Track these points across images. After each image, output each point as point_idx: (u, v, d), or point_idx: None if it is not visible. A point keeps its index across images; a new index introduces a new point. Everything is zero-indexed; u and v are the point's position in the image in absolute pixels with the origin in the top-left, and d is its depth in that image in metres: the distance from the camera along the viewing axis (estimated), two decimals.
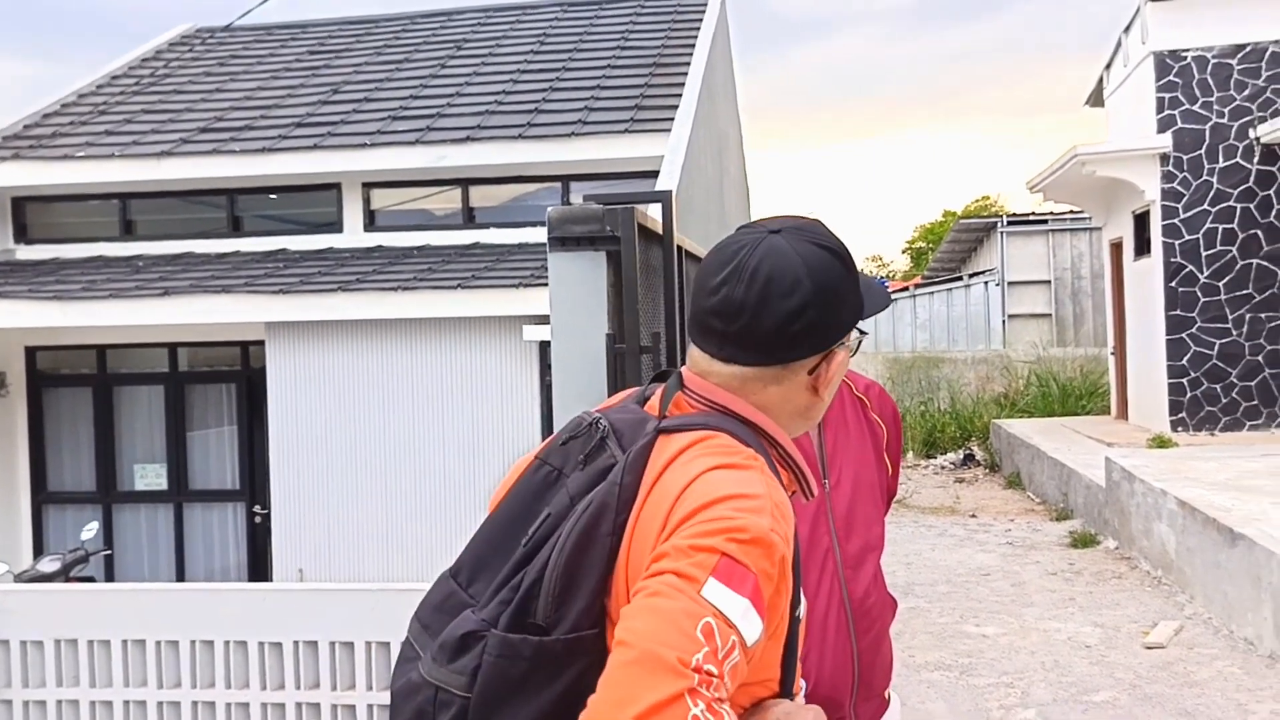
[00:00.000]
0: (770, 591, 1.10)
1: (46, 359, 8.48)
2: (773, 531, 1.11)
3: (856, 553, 2.02)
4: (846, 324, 1.30)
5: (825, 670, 1.96)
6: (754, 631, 1.07)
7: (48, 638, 3.45)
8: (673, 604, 1.05)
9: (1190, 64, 10.04)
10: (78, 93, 10.08)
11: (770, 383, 1.28)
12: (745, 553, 1.09)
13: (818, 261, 1.27)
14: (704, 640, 1.03)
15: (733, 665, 1.04)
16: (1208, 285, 9.97)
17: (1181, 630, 5.75)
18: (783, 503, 1.18)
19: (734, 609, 1.06)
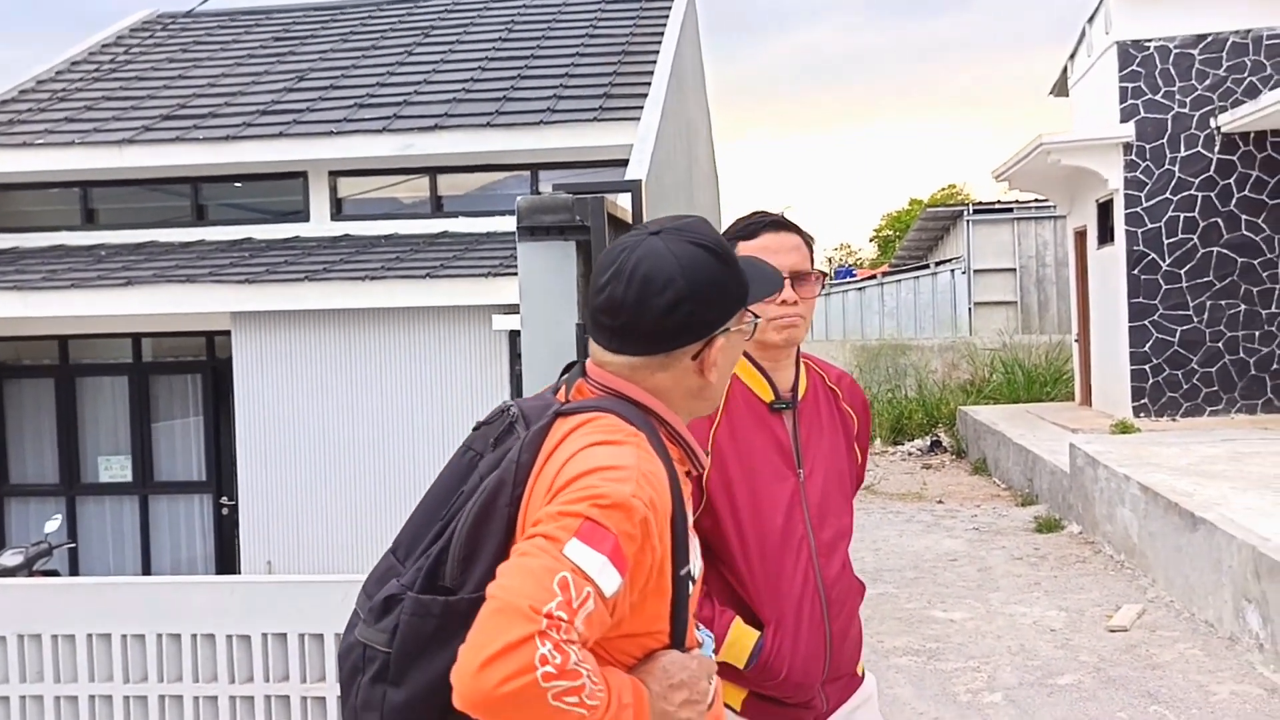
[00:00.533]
0: (633, 550, 1.25)
1: (7, 350, 8.34)
2: (634, 497, 1.26)
3: (830, 540, 2.04)
4: (726, 313, 1.44)
5: (799, 655, 1.97)
6: (611, 584, 1.22)
7: (10, 633, 3.41)
8: (536, 561, 1.21)
9: (1153, 54, 10.16)
10: (36, 79, 9.89)
11: (657, 369, 1.42)
12: (606, 516, 1.24)
13: (691, 259, 1.40)
14: (558, 591, 1.18)
15: (588, 614, 1.20)
16: (1169, 273, 10.12)
17: (1144, 613, 5.85)
18: (653, 473, 1.31)
19: (591, 564, 1.21)
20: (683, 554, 1.36)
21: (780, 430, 2.04)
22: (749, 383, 2.05)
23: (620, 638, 1.34)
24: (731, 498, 1.99)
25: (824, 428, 2.10)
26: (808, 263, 2.07)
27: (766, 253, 1.99)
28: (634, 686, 1.31)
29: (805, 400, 2.09)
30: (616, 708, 1.24)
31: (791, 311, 2.02)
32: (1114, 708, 4.55)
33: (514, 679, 1.15)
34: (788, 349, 2.07)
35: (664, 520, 1.30)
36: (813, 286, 2.06)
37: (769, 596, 1.99)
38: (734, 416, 2.02)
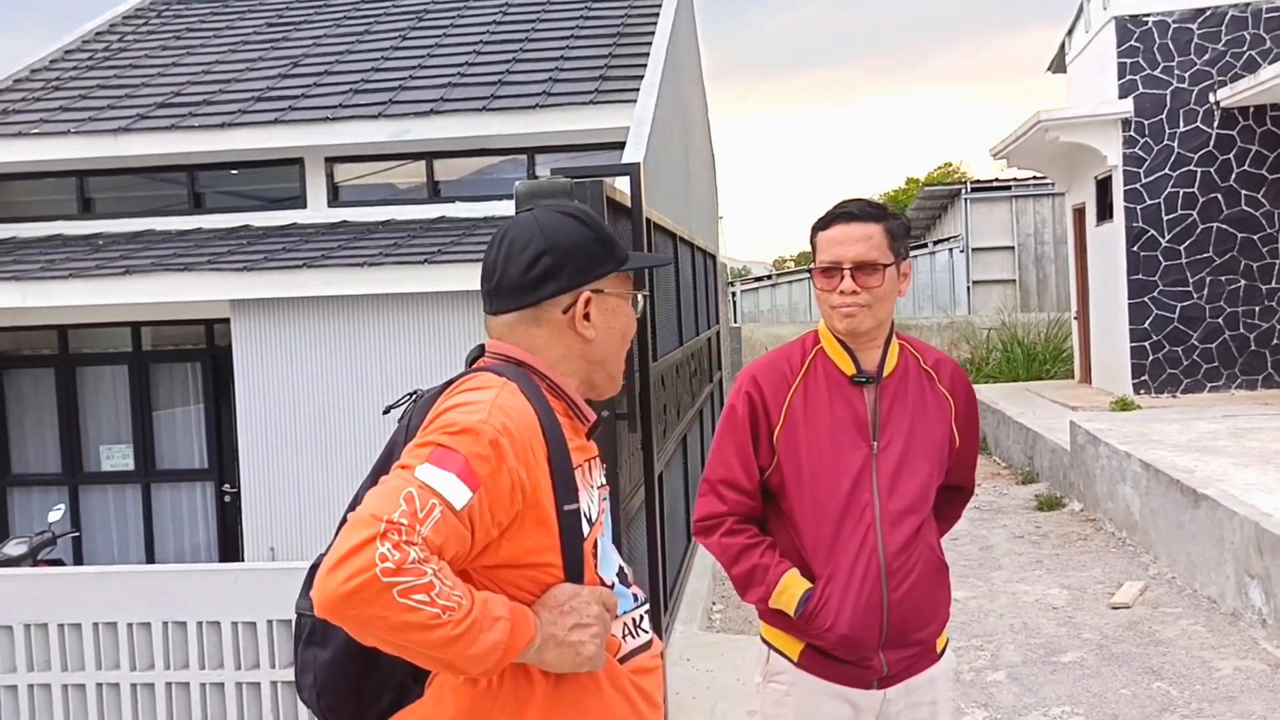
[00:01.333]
0: (486, 469, 1.37)
1: (6, 340, 8.32)
2: (482, 422, 1.39)
3: (898, 511, 2.13)
4: (588, 270, 1.56)
5: (848, 612, 2.09)
6: (460, 497, 1.34)
7: (17, 622, 3.42)
8: (387, 484, 1.36)
9: (1151, 29, 10.10)
10: (30, 68, 9.83)
11: (531, 324, 1.56)
12: (455, 440, 1.38)
13: (553, 222, 1.58)
14: (403, 503, 1.31)
15: (435, 522, 1.31)
16: (1169, 249, 10.10)
17: (1146, 590, 5.87)
18: (511, 407, 1.44)
19: (437, 480, 1.34)
20: (566, 491, 1.47)
21: (859, 402, 2.16)
22: (833, 356, 2.19)
23: (507, 568, 1.44)
24: (798, 458, 2.14)
25: (910, 406, 2.18)
26: (875, 253, 2.12)
27: (833, 243, 2.13)
28: (514, 607, 1.40)
29: (891, 378, 2.19)
30: (481, 615, 1.33)
31: (850, 301, 2.10)
32: (1117, 684, 4.58)
33: (355, 576, 1.25)
34: (859, 337, 2.16)
35: (524, 448, 1.42)
36: (877, 277, 2.11)
37: (824, 554, 2.12)
38: (811, 384, 2.17)
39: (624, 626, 1.56)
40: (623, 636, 1.55)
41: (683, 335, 6.41)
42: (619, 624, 1.55)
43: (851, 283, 2.09)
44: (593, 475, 1.59)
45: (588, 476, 1.56)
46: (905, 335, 2.28)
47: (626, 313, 1.63)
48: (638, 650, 1.57)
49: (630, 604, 1.59)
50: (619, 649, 1.54)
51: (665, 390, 5.08)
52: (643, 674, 1.57)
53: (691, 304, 7.29)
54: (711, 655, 4.78)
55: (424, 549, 1.30)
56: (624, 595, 1.57)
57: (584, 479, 1.54)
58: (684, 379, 6.30)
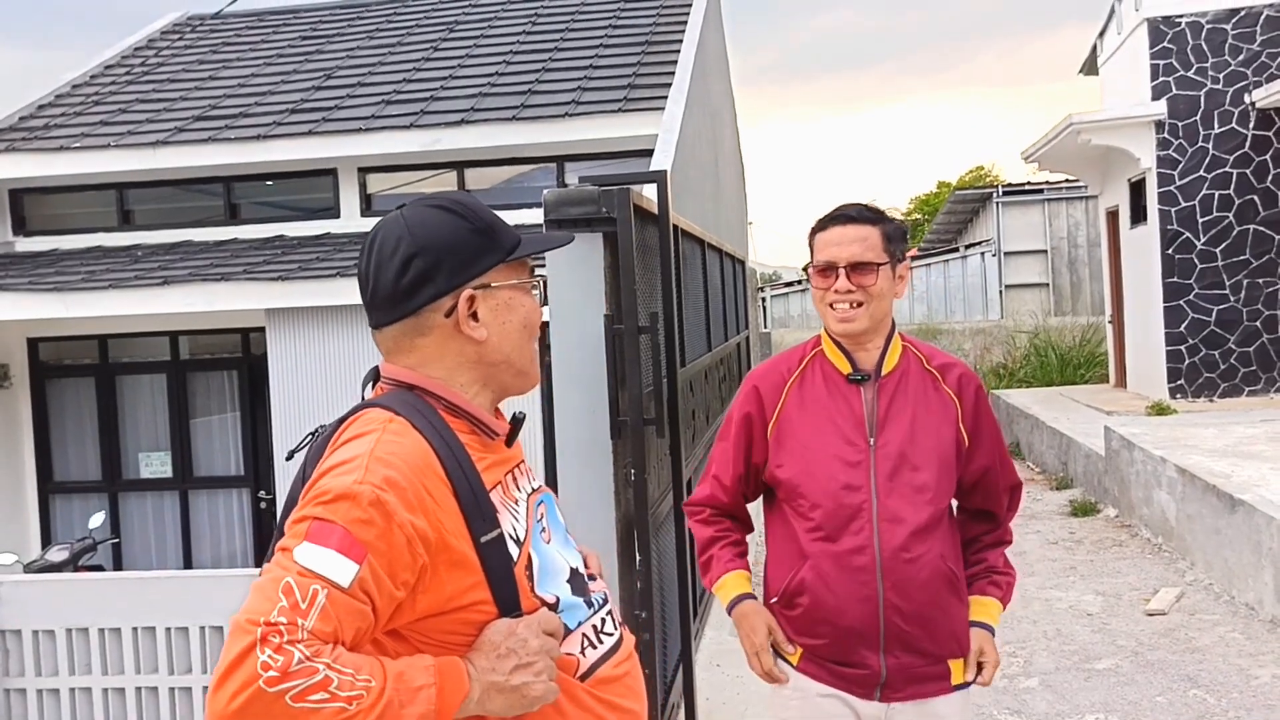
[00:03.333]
0: (372, 533, 1.25)
1: (49, 350, 8.50)
2: (357, 484, 1.27)
3: (896, 509, 2.13)
4: (467, 267, 1.42)
5: (836, 597, 2.14)
6: (345, 574, 1.23)
7: (59, 627, 3.50)
8: (265, 577, 1.25)
9: (1184, 30, 9.99)
10: (71, 83, 10.04)
11: (414, 335, 1.43)
12: (330, 510, 1.26)
13: (421, 219, 1.43)
14: (281, 598, 1.21)
15: (321, 609, 1.21)
16: (1204, 252, 9.97)
17: (1183, 597, 5.80)
18: (393, 453, 1.31)
19: (317, 561, 1.23)
20: (482, 522, 1.35)
21: (856, 401, 2.18)
22: (830, 356, 2.23)
23: (433, 617, 1.34)
24: (793, 452, 2.19)
25: (911, 405, 2.19)
26: (870, 254, 2.16)
27: (829, 244, 2.18)
28: (439, 668, 1.29)
29: (890, 376, 2.20)
30: (396, 692, 1.24)
31: (845, 299, 2.14)
32: (1153, 692, 4.53)
33: (240, 693, 1.17)
34: (856, 337, 2.19)
35: (418, 494, 1.30)
36: (871, 277, 2.15)
37: (815, 546, 2.15)
38: (808, 382, 2.23)
39: (582, 639, 1.44)
40: (581, 651, 1.44)
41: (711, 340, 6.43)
42: (574, 638, 1.43)
43: (846, 282, 2.14)
44: (519, 485, 1.49)
45: (510, 490, 1.46)
46: (912, 338, 2.30)
47: (524, 303, 1.49)
48: (603, 658, 1.46)
49: (585, 613, 1.46)
50: (577, 667, 1.42)
51: (694, 396, 5.10)
52: (610, 684, 1.46)
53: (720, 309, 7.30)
54: (741, 662, 4.76)
55: (310, 644, 1.20)
56: (573, 607, 1.44)
57: (505, 494, 1.44)
58: (713, 384, 6.31)
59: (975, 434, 2.24)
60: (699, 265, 5.92)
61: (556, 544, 1.51)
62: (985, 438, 2.25)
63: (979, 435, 2.24)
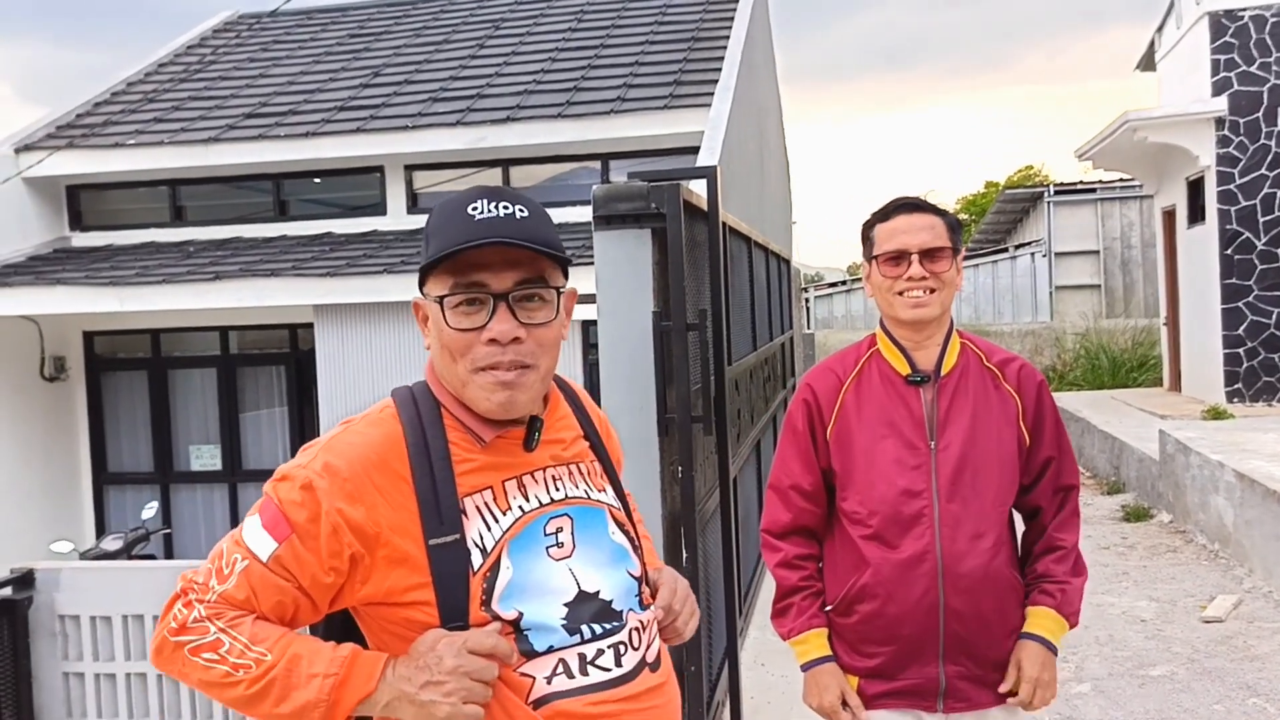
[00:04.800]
0: (302, 515, 1.33)
1: (103, 343, 8.68)
2: (299, 467, 1.36)
3: (958, 513, 2.08)
4: (420, 280, 1.44)
5: (896, 604, 2.08)
6: (265, 548, 1.33)
7: (116, 614, 3.56)
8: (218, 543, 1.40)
9: (1247, 23, 9.74)
10: (127, 81, 10.24)
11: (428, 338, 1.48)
12: (274, 489, 1.37)
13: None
14: (210, 562, 1.36)
15: (238, 575, 1.33)
16: (1265, 252, 9.72)
17: (1241, 604, 5.65)
18: (352, 443, 1.37)
19: (249, 534, 1.35)
20: (436, 523, 1.33)
21: (915, 402, 2.12)
22: (888, 356, 2.17)
23: (379, 605, 1.36)
24: (852, 455, 2.13)
25: (971, 405, 2.13)
26: (940, 240, 2.12)
27: (898, 232, 2.12)
28: (352, 661, 1.30)
29: (950, 376, 2.15)
30: (286, 672, 1.29)
31: (919, 286, 2.09)
32: (1210, 700, 4.41)
33: (157, 636, 1.35)
34: (924, 326, 2.12)
35: (360, 485, 1.33)
36: (945, 263, 2.12)
37: (874, 552, 2.09)
38: (865, 384, 2.17)
39: (556, 664, 1.36)
40: (548, 677, 1.35)
41: (756, 340, 6.39)
42: (544, 661, 1.35)
43: (920, 268, 2.09)
44: (526, 493, 1.41)
45: (503, 497, 1.39)
46: (970, 335, 2.24)
47: (438, 320, 1.39)
48: (579, 691, 1.36)
49: (566, 639, 1.37)
50: (529, 690, 1.35)
51: (740, 395, 5.06)
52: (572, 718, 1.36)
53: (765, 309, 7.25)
54: (787, 661, 4.73)
55: (214, 606, 1.32)
56: (545, 629, 1.35)
57: (495, 500, 1.38)
58: (757, 384, 6.27)
59: (1036, 431, 2.18)
60: (745, 263, 5.88)
61: (583, 563, 1.41)
62: (1047, 433, 2.19)
63: (1040, 432, 2.18)
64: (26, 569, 3.58)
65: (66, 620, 3.55)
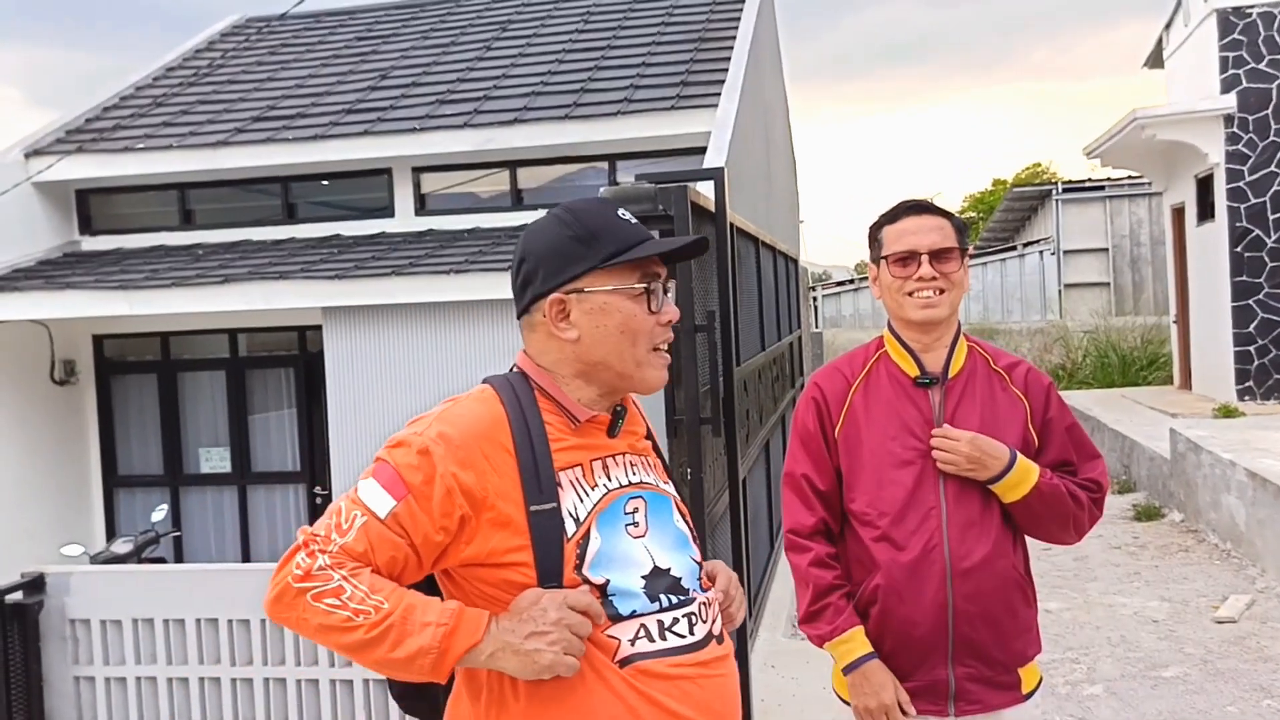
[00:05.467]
0: (418, 477, 1.45)
1: (113, 347, 8.70)
2: (415, 435, 1.49)
3: (966, 515, 2.08)
4: (559, 271, 1.53)
5: (906, 605, 2.08)
6: (383, 505, 1.44)
7: (126, 617, 3.56)
8: (334, 502, 1.51)
9: (1255, 20, 9.70)
10: (135, 85, 10.27)
11: (528, 331, 1.60)
12: (389, 454, 1.49)
13: (536, 227, 1.59)
14: (329, 517, 1.47)
15: (357, 530, 1.44)
16: (1275, 249, 9.68)
17: (1253, 604, 5.62)
18: (463, 415, 1.51)
19: (367, 493, 1.46)
20: (536, 491, 1.47)
21: (924, 404, 2.13)
22: (896, 359, 2.18)
23: (478, 566, 1.48)
24: (860, 456, 2.13)
25: (979, 408, 2.13)
26: (948, 241, 2.14)
27: (906, 233, 2.13)
28: (459, 613, 1.43)
29: (957, 378, 2.15)
30: (402, 619, 1.40)
31: (929, 286, 2.10)
32: (1223, 701, 4.39)
33: (276, 584, 1.44)
34: (933, 327, 2.13)
35: (471, 453, 1.46)
36: (954, 264, 2.13)
37: (884, 554, 2.09)
38: (873, 386, 2.17)
39: (639, 628, 1.48)
40: (632, 639, 1.48)
41: (765, 340, 6.37)
42: (628, 625, 1.48)
43: (930, 268, 2.11)
44: (609, 474, 1.55)
45: (592, 474, 1.53)
46: (976, 339, 2.25)
47: (623, 308, 1.54)
48: (660, 654, 1.49)
49: (649, 605, 1.50)
50: (616, 650, 1.47)
51: (748, 395, 5.05)
52: (656, 679, 1.48)
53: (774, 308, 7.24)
54: (797, 663, 4.73)
55: (337, 556, 1.42)
56: (629, 595, 1.48)
57: (585, 476, 1.52)
58: (766, 384, 6.26)
59: (1045, 434, 2.17)
60: (753, 264, 5.87)
61: (656, 543, 1.55)
62: (1056, 436, 2.18)
63: (1049, 434, 2.18)
64: (37, 573, 3.59)
65: (77, 624, 3.56)
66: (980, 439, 2.06)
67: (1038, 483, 2.07)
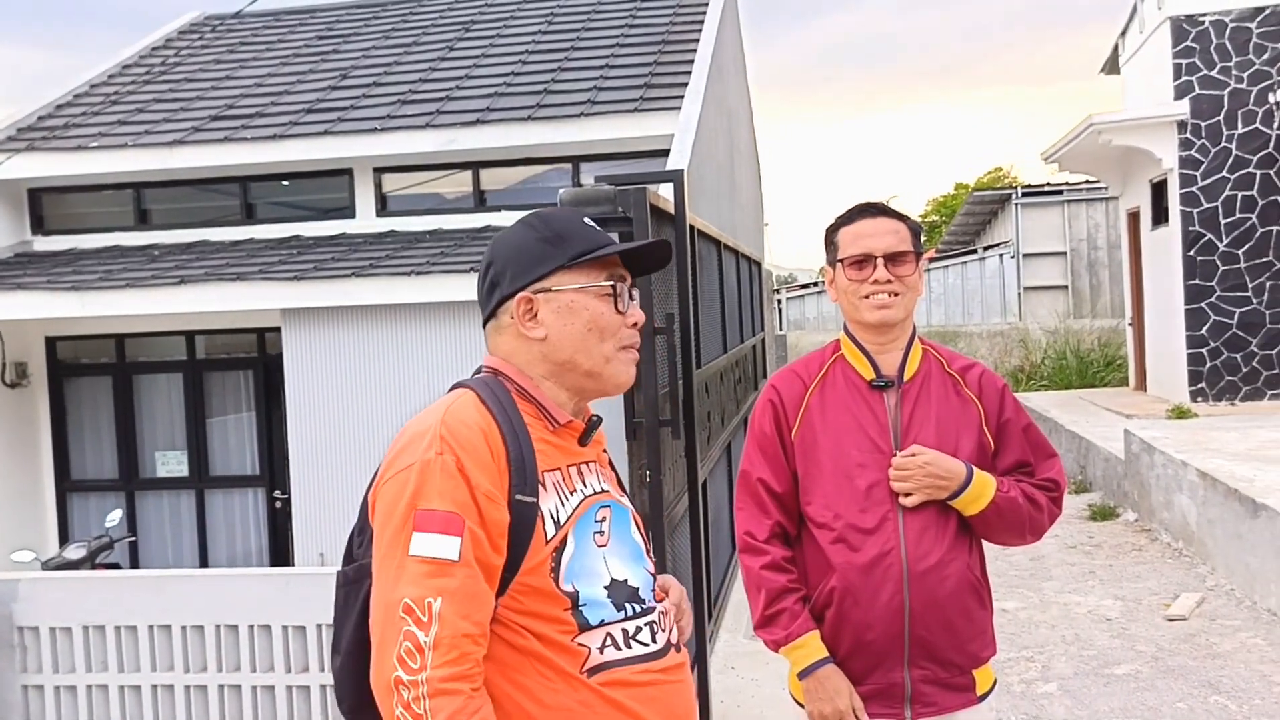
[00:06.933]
0: (462, 493, 1.39)
1: (66, 349, 8.55)
2: (436, 454, 1.41)
3: (922, 518, 2.09)
4: (525, 272, 1.54)
5: (861, 608, 2.09)
6: (451, 549, 1.37)
7: (76, 624, 3.50)
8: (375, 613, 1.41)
9: (1208, 28, 9.89)
10: (89, 83, 10.10)
11: (495, 334, 1.59)
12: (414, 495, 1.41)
13: (503, 233, 1.61)
14: (402, 639, 1.35)
15: (444, 609, 1.35)
16: (1227, 254, 9.88)
17: (1203, 602, 5.73)
18: (459, 419, 1.45)
19: (422, 548, 1.38)
20: (521, 482, 1.44)
21: (880, 407, 2.15)
22: (852, 361, 2.20)
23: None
24: (817, 459, 2.14)
25: (934, 410, 2.15)
26: (904, 245, 2.15)
27: (862, 236, 2.15)
28: None
29: (912, 382, 2.17)
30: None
31: (884, 289, 2.12)
32: (1173, 698, 4.47)
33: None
34: (887, 330, 2.15)
35: (479, 449, 1.42)
36: (909, 267, 2.14)
37: (840, 556, 2.10)
38: (829, 388, 2.18)
39: (605, 636, 1.48)
40: (601, 647, 1.48)
41: (727, 342, 6.40)
42: (595, 634, 1.48)
43: (885, 271, 2.12)
44: (584, 480, 1.55)
45: (570, 479, 1.52)
46: (931, 342, 2.26)
47: (590, 307, 1.54)
48: (626, 661, 1.49)
49: (614, 614, 1.50)
50: (585, 659, 1.46)
51: (709, 397, 5.07)
52: (623, 687, 1.48)
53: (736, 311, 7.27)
54: (757, 664, 4.75)
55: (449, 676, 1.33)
56: (597, 604, 1.48)
57: (564, 480, 1.51)
58: (728, 386, 6.28)
59: (1001, 435, 2.19)
60: (715, 266, 5.89)
61: (614, 554, 1.55)
62: (1013, 438, 2.19)
63: (1005, 436, 2.19)
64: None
65: (25, 632, 3.50)
66: (935, 462, 2.06)
67: (995, 497, 2.09)
